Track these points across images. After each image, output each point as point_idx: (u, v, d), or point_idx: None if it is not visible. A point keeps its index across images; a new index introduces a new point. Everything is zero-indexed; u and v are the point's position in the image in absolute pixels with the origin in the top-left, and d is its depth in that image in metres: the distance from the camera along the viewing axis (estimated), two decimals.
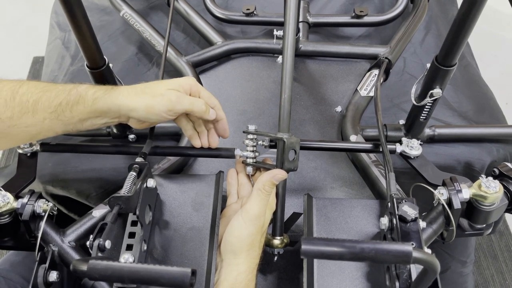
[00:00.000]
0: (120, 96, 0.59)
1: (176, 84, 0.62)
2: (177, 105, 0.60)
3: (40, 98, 0.58)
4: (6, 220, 0.61)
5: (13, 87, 0.58)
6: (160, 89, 0.61)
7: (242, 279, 0.56)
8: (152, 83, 0.62)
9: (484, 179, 0.61)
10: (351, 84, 0.96)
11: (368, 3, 1.14)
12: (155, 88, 0.61)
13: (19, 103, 0.57)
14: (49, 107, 0.58)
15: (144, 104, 0.59)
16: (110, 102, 0.59)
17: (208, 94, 0.65)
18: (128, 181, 0.58)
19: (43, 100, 0.58)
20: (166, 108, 0.60)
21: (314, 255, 0.40)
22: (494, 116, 0.95)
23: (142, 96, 0.60)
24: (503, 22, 1.93)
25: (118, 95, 0.60)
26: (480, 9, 0.59)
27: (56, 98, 0.58)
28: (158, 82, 0.63)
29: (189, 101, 0.61)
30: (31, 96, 0.57)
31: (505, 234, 1.49)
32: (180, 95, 0.61)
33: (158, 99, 0.59)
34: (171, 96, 0.60)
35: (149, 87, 0.61)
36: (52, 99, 0.58)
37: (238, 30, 1.10)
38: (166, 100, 0.60)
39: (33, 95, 0.57)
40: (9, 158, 1.72)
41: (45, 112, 0.58)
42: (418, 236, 0.55)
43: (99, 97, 0.59)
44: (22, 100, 0.57)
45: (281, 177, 0.60)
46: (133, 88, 0.61)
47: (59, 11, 1.21)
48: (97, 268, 0.41)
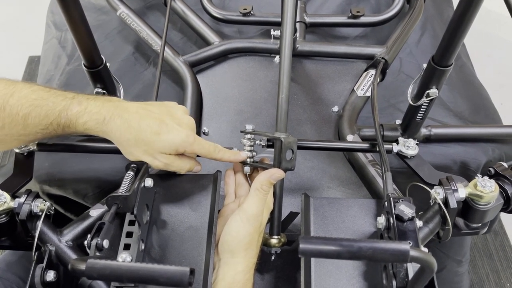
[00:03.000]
0: (111, 135, 0.58)
1: (170, 148, 0.58)
2: (164, 169, 0.61)
3: (30, 114, 0.56)
4: (3, 220, 0.61)
5: (4, 95, 0.56)
6: (153, 149, 0.57)
7: (240, 279, 0.56)
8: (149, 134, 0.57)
9: (480, 179, 0.62)
10: (348, 84, 0.96)
11: (365, 3, 1.15)
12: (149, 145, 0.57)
13: (9, 114, 0.55)
14: (40, 124, 0.56)
15: (133, 156, 0.59)
16: (101, 135, 0.58)
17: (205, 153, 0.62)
18: (125, 180, 0.58)
19: (33, 115, 0.56)
20: (152, 167, 0.60)
21: (312, 254, 0.40)
22: (489, 116, 0.95)
23: (133, 147, 0.58)
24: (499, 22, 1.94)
25: (109, 133, 0.57)
26: (476, 9, 0.59)
27: (46, 117, 0.56)
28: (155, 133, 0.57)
29: (175, 169, 0.61)
30: (21, 109, 0.55)
31: (500, 234, 1.50)
32: (168, 163, 0.59)
33: (148, 158, 0.58)
34: (160, 163, 0.59)
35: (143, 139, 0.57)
36: (42, 117, 0.56)
37: (235, 30, 1.10)
38: (154, 164, 0.59)
39: (23, 109, 0.55)
40: (5, 158, 1.71)
41: (36, 128, 0.57)
42: (415, 235, 0.55)
43: (90, 129, 0.57)
44: (12, 112, 0.55)
45: (278, 176, 0.61)
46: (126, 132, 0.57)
47: (55, 10, 1.21)
48: (96, 267, 0.41)
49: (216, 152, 0.63)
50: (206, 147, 0.62)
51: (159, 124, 0.58)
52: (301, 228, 0.63)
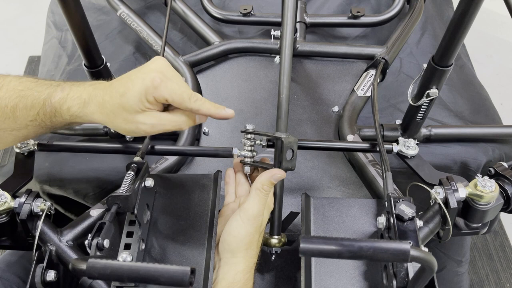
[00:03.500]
0: (94, 116, 0.55)
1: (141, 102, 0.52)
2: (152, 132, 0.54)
3: (17, 105, 0.55)
4: (3, 220, 0.61)
5: None
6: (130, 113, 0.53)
7: (240, 278, 0.56)
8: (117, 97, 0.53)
9: (480, 179, 0.62)
10: (348, 84, 0.96)
11: (365, 3, 1.15)
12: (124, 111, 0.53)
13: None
14: (28, 115, 0.55)
15: (122, 130, 0.55)
16: (87, 119, 0.56)
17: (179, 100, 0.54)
18: (126, 180, 0.58)
19: (20, 107, 0.55)
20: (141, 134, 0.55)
21: (313, 253, 0.40)
22: (489, 116, 0.95)
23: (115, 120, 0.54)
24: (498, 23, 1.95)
25: (92, 114, 0.55)
26: (476, 10, 0.59)
27: (32, 108, 0.55)
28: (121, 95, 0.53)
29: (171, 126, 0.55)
30: (9, 102, 0.55)
31: (500, 234, 1.50)
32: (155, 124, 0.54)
33: (132, 127, 0.53)
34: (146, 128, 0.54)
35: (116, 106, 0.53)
36: (29, 107, 0.55)
37: (236, 30, 1.10)
38: (141, 131, 0.54)
39: (10, 100, 0.55)
40: (5, 158, 1.71)
41: (25, 120, 0.56)
42: (415, 235, 0.55)
43: (74, 114, 0.55)
44: (1, 105, 0.55)
45: (279, 176, 0.60)
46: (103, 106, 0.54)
47: (55, 10, 1.21)
48: (97, 267, 0.41)
49: (192, 100, 0.54)
50: (178, 91, 0.53)
51: (124, 84, 0.53)
52: (302, 228, 0.63)
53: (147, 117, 0.53)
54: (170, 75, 0.54)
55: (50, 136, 0.87)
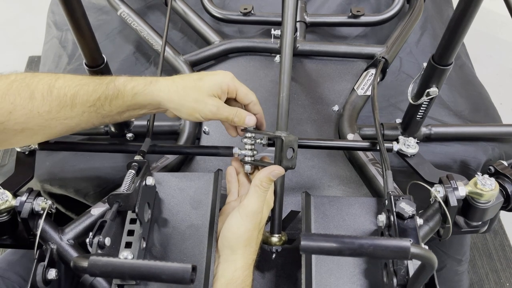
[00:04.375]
0: (161, 93, 0.59)
1: (216, 87, 0.61)
2: (216, 115, 0.61)
3: (78, 92, 0.57)
4: (4, 218, 0.61)
5: (49, 81, 0.57)
6: (202, 94, 0.60)
7: (239, 275, 0.56)
8: (192, 80, 0.61)
9: (480, 177, 0.62)
10: (348, 84, 0.97)
11: (365, 3, 1.15)
12: (196, 92, 0.60)
13: (57, 97, 0.57)
14: (88, 101, 0.58)
15: (186, 109, 0.60)
16: (150, 97, 0.59)
17: (245, 91, 0.64)
18: (127, 179, 0.58)
19: (81, 94, 0.58)
20: (206, 117, 0.61)
21: (313, 251, 0.40)
22: (489, 115, 0.96)
23: (183, 98, 0.60)
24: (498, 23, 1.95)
25: (158, 91, 0.59)
26: (476, 8, 0.59)
27: (94, 92, 0.58)
28: (198, 79, 0.61)
29: (228, 113, 0.62)
30: (68, 90, 0.57)
31: (499, 233, 1.50)
32: (220, 107, 0.61)
33: (200, 106, 0.60)
34: (212, 108, 0.60)
35: (189, 87, 0.60)
36: (90, 93, 0.58)
37: (236, 30, 1.11)
38: (207, 110, 0.60)
39: (70, 89, 0.57)
40: (5, 158, 1.71)
41: (83, 106, 0.58)
42: (415, 233, 0.56)
43: (139, 92, 0.59)
44: (59, 94, 0.57)
45: (278, 173, 0.61)
46: (173, 84, 0.60)
47: (56, 10, 1.21)
48: (98, 264, 0.41)
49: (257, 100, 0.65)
50: (246, 88, 0.64)
51: (201, 74, 0.62)
52: (302, 226, 0.63)
53: (215, 100, 0.61)
54: None
55: None
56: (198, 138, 0.90)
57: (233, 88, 0.63)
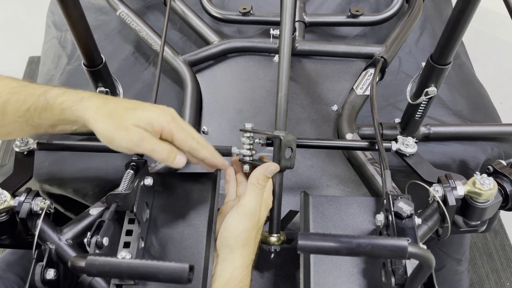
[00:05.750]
0: (86, 113, 0.55)
1: (146, 121, 0.55)
2: (137, 147, 0.55)
3: (9, 100, 0.56)
4: (3, 218, 0.61)
5: None
6: (128, 121, 0.54)
7: (238, 275, 0.56)
8: (124, 108, 0.56)
9: (479, 176, 0.62)
10: (347, 83, 0.97)
11: (364, 2, 1.15)
12: (124, 117, 0.55)
13: None
14: (18, 110, 0.56)
15: (106, 133, 0.55)
16: (77, 115, 0.55)
17: (184, 137, 0.57)
18: (125, 179, 0.58)
19: (12, 101, 0.56)
20: (125, 146, 0.55)
21: (311, 250, 0.40)
22: (488, 114, 0.96)
23: (107, 121, 0.54)
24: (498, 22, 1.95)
25: (85, 110, 0.55)
26: (474, 7, 0.59)
27: (24, 102, 0.56)
28: (130, 108, 0.56)
29: (151, 147, 0.55)
30: (0, 97, 0.56)
31: (500, 233, 1.50)
32: (143, 138, 0.54)
33: (120, 133, 0.54)
34: (133, 136, 0.54)
35: (119, 112, 0.55)
36: (20, 102, 0.56)
37: (235, 30, 1.11)
38: (127, 139, 0.54)
39: (2, 96, 0.56)
40: (5, 157, 1.71)
41: (14, 116, 0.56)
42: (414, 233, 0.55)
43: (67, 108, 0.55)
44: None
45: (273, 169, 0.61)
46: (103, 107, 0.55)
47: (55, 10, 1.21)
48: (96, 264, 0.41)
49: (199, 146, 0.58)
50: (187, 132, 0.57)
51: (135, 103, 0.57)
52: (300, 226, 0.63)
53: (141, 132, 0.55)
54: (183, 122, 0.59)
55: (49, 135, 0.87)
56: None
57: (168, 131, 0.56)
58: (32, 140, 0.78)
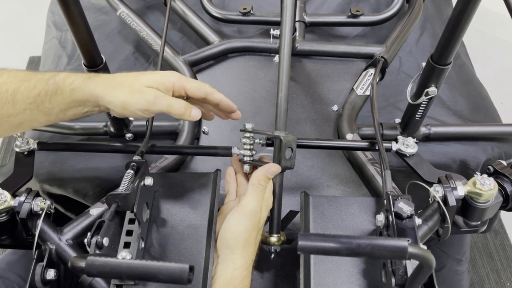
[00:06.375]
0: (97, 87, 0.56)
1: (157, 81, 0.57)
2: (153, 106, 0.56)
3: (19, 88, 0.56)
4: (3, 219, 0.61)
5: None
6: (139, 84, 0.56)
7: (238, 275, 0.56)
8: (133, 75, 0.58)
9: (479, 177, 0.62)
10: (347, 83, 0.96)
11: (364, 2, 1.15)
12: (134, 82, 0.57)
13: None
14: (28, 97, 0.56)
15: (120, 100, 0.56)
16: (88, 93, 0.56)
17: (196, 85, 0.60)
18: (125, 179, 0.58)
19: (21, 89, 0.56)
20: (142, 107, 0.56)
21: (311, 250, 0.40)
22: (488, 115, 0.95)
23: (119, 89, 0.56)
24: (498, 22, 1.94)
25: (95, 86, 0.56)
26: (475, 7, 0.59)
27: (34, 88, 0.56)
28: (139, 74, 0.58)
29: (167, 103, 0.57)
30: (10, 86, 0.56)
31: (500, 233, 1.50)
32: (158, 96, 0.56)
33: (135, 96, 0.56)
34: (149, 96, 0.56)
35: (129, 80, 0.57)
36: (30, 89, 0.56)
37: (235, 30, 1.10)
38: (143, 99, 0.56)
39: (12, 85, 0.56)
40: (6, 157, 1.71)
41: (24, 103, 0.56)
42: (414, 233, 0.55)
43: (77, 87, 0.56)
44: (1, 90, 0.55)
45: (275, 170, 0.61)
46: (112, 79, 0.57)
47: (55, 10, 1.21)
48: (95, 265, 0.41)
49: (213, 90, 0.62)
50: (197, 81, 0.61)
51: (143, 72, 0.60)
52: (301, 226, 0.63)
53: (154, 90, 0.57)
54: None
55: (50, 135, 0.87)
56: (197, 138, 0.90)
57: (180, 86, 0.59)
58: (32, 140, 0.78)
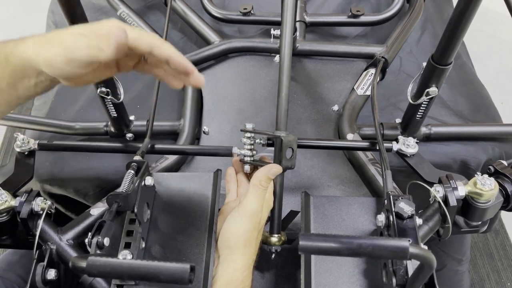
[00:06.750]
0: (26, 49, 0.47)
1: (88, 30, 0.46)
2: (75, 51, 0.45)
3: None
4: (4, 219, 0.61)
5: None
6: (65, 34, 0.46)
7: (239, 275, 0.56)
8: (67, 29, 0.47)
9: (480, 177, 0.62)
10: (348, 83, 0.96)
11: (365, 2, 1.15)
12: (65, 35, 0.46)
13: None
14: None
15: (43, 57, 0.46)
16: (19, 57, 0.47)
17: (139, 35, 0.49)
18: (126, 179, 0.58)
19: None
20: (63, 59, 0.45)
21: (312, 251, 0.40)
22: (489, 115, 0.95)
23: (44, 46, 0.46)
24: (498, 22, 1.95)
25: (25, 47, 0.47)
26: (475, 7, 0.59)
27: None
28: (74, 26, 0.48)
29: (87, 44, 0.45)
30: None
31: (500, 233, 1.50)
32: (78, 38, 0.45)
33: (54, 48, 0.45)
34: (67, 42, 0.45)
35: (60, 33, 0.46)
36: None
37: (235, 30, 1.10)
38: (61, 48, 0.45)
39: None
40: (6, 158, 1.71)
41: None
42: (415, 233, 0.55)
43: (9, 53, 0.48)
44: None
45: (276, 171, 0.60)
46: (43, 36, 0.47)
47: (55, 10, 1.21)
48: (96, 265, 0.41)
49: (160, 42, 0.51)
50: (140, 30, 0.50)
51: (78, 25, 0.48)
52: (301, 226, 0.63)
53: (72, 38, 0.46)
54: None
55: (50, 135, 0.87)
56: (198, 138, 0.90)
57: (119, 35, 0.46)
58: (33, 140, 0.78)
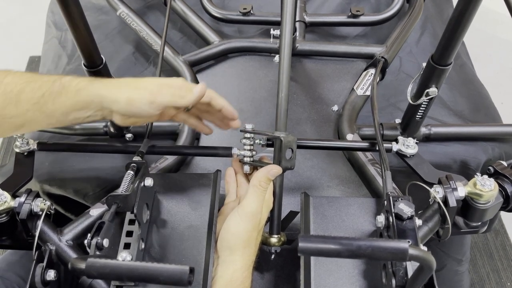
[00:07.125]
0: (102, 88, 0.57)
1: (159, 82, 0.59)
2: (158, 96, 0.57)
3: (24, 89, 0.56)
4: (3, 219, 0.61)
5: None
6: (145, 83, 0.58)
7: (238, 276, 0.56)
8: (141, 78, 0.60)
9: (479, 177, 0.62)
10: (347, 84, 0.96)
11: (364, 2, 1.15)
12: (140, 82, 0.58)
13: (3, 93, 0.55)
14: (32, 98, 0.56)
15: (125, 97, 0.56)
16: (92, 93, 0.56)
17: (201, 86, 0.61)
18: (125, 180, 0.58)
19: (27, 90, 0.56)
20: (146, 100, 0.56)
21: (311, 252, 0.40)
22: (489, 115, 0.95)
23: (124, 88, 0.57)
24: (498, 22, 1.94)
25: (101, 86, 0.57)
26: (475, 8, 0.59)
27: (39, 89, 0.56)
28: (148, 78, 0.60)
29: (171, 92, 0.58)
30: (15, 87, 0.55)
31: (500, 233, 1.50)
32: (162, 86, 0.57)
33: (140, 91, 0.57)
34: (153, 88, 0.57)
35: (135, 81, 0.59)
36: (36, 89, 0.56)
37: (235, 30, 1.10)
38: (147, 92, 0.56)
39: (17, 86, 0.55)
40: (6, 158, 1.71)
41: (28, 103, 0.56)
42: (414, 234, 0.55)
43: (82, 88, 0.56)
44: (6, 90, 0.55)
45: (276, 172, 0.60)
46: (117, 81, 0.59)
47: (55, 10, 1.21)
48: (96, 266, 0.41)
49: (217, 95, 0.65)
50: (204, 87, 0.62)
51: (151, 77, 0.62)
52: (301, 227, 0.63)
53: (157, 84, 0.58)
54: None
55: (50, 135, 0.87)
56: (197, 138, 0.90)
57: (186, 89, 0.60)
58: (32, 140, 0.78)
